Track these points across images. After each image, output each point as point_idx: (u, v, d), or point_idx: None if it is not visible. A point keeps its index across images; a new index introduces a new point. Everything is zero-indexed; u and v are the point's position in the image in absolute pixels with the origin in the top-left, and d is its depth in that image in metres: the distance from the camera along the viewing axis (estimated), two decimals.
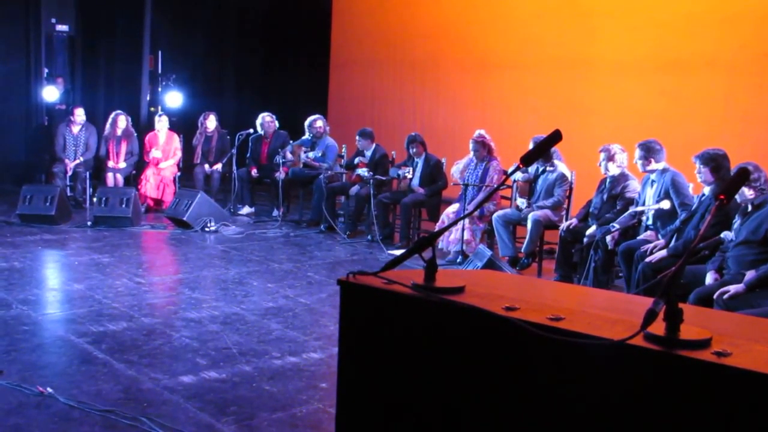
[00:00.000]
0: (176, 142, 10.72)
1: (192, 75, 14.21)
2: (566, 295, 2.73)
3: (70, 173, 10.51)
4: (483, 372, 2.25)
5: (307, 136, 9.92)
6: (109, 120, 10.68)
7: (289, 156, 9.82)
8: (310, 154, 9.80)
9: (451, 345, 2.31)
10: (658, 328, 1.94)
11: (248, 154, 10.49)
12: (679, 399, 1.87)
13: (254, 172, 10.24)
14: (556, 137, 2.55)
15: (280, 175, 9.65)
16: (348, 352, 2.58)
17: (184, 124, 12.55)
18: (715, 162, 5.57)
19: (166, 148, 10.61)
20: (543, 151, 2.64)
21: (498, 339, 2.20)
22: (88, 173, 10.47)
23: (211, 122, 10.79)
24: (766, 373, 1.75)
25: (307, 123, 9.91)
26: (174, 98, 13.51)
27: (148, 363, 4.68)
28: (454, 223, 3.27)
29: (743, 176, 2.30)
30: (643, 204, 6.42)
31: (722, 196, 2.14)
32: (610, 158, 6.71)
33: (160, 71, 14.14)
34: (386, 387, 2.48)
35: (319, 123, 9.88)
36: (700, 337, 1.93)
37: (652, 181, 6.37)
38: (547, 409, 2.12)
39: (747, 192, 5.07)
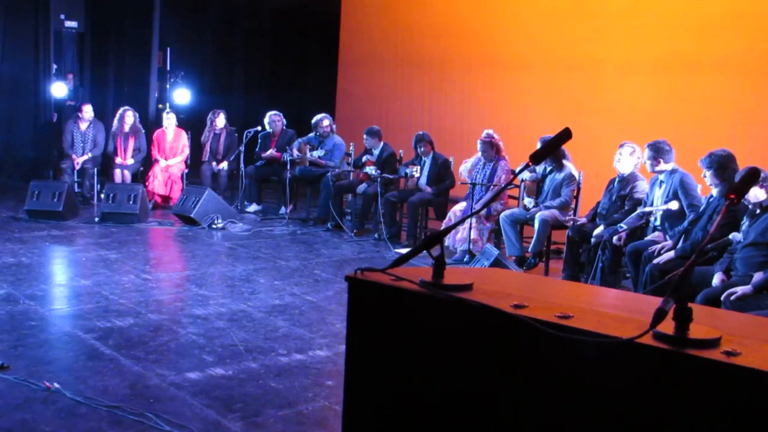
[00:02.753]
0: (184, 139, 10.74)
1: (200, 72, 14.22)
2: (575, 294, 2.72)
3: (77, 169, 10.54)
4: (490, 369, 2.24)
5: (313, 134, 9.93)
6: (117, 116, 10.69)
7: (296, 153, 9.83)
8: (315, 153, 9.80)
9: (459, 342, 2.31)
10: (668, 327, 1.94)
11: (257, 149, 10.47)
12: (687, 398, 1.87)
13: (272, 151, 10.15)
14: (565, 135, 2.53)
15: (288, 172, 9.64)
16: (355, 348, 2.57)
17: (192, 121, 12.57)
18: (718, 164, 5.56)
19: (173, 145, 10.63)
20: (553, 148, 2.63)
21: (506, 337, 2.19)
22: (95, 169, 10.50)
23: (221, 120, 10.81)
24: None
25: (313, 122, 9.91)
26: (182, 95, 13.52)
27: (155, 359, 4.69)
28: (461, 221, 3.25)
29: (754, 176, 2.28)
30: (652, 204, 6.40)
31: (733, 195, 2.13)
32: (632, 153, 6.67)
33: (168, 68, 14.16)
34: (393, 384, 2.47)
35: (326, 122, 9.87)
36: (710, 337, 1.92)
37: (661, 181, 6.35)
38: (555, 407, 2.11)
39: (759, 192, 5.04)
